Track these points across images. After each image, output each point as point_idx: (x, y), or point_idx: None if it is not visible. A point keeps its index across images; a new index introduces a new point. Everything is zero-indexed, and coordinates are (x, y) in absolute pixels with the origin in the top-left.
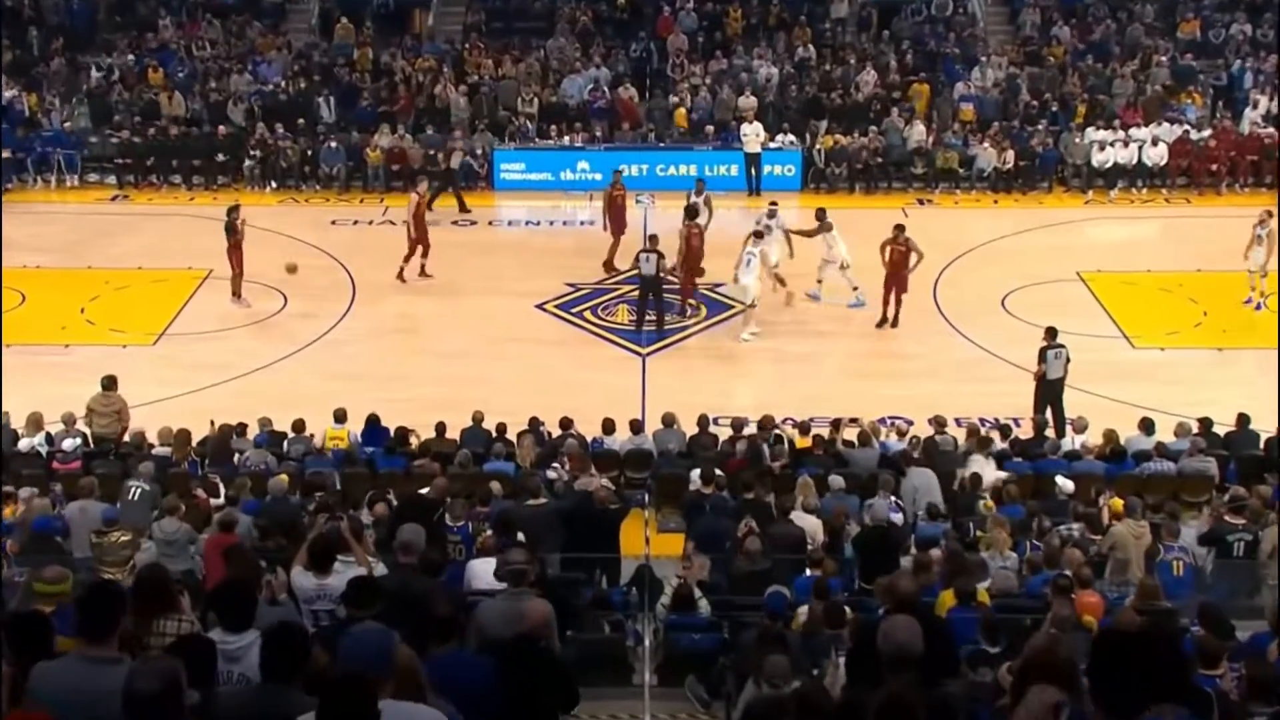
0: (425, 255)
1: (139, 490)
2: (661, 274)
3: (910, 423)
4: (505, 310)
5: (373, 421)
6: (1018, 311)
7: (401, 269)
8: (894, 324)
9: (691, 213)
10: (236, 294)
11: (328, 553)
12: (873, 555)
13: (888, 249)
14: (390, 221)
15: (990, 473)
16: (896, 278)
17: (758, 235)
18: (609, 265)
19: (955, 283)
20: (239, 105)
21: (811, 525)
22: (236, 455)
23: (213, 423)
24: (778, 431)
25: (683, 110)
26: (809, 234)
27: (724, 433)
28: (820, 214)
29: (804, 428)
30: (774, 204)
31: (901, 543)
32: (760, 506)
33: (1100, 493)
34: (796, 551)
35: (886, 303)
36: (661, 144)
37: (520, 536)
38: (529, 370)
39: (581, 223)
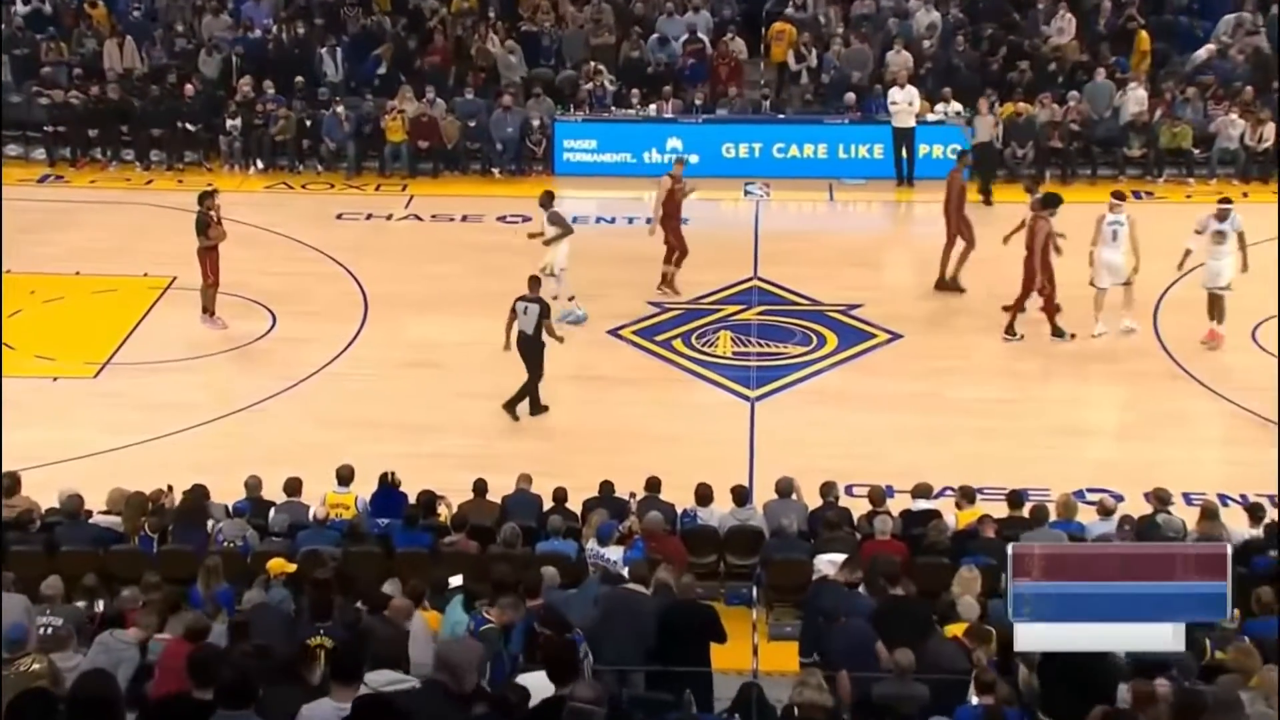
0: (678, 262)
1: (49, 628)
2: (546, 331)
3: (1120, 498)
4: (567, 337)
5: (388, 483)
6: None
7: (668, 280)
8: None
9: (1048, 201)
10: (209, 310)
11: (356, 662)
12: (1064, 679)
13: None
14: (415, 216)
15: None
16: None
17: (1119, 197)
18: (951, 282)
19: (1184, 306)
20: (214, 57)
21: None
22: (209, 524)
23: (170, 487)
24: (935, 506)
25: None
26: (551, 238)
27: (860, 506)
28: (547, 200)
29: (967, 494)
30: (1227, 200)
31: (1108, 665)
32: (911, 608)
33: None
34: (956, 670)
35: None
36: (781, 116)
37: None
38: (598, 418)
39: None
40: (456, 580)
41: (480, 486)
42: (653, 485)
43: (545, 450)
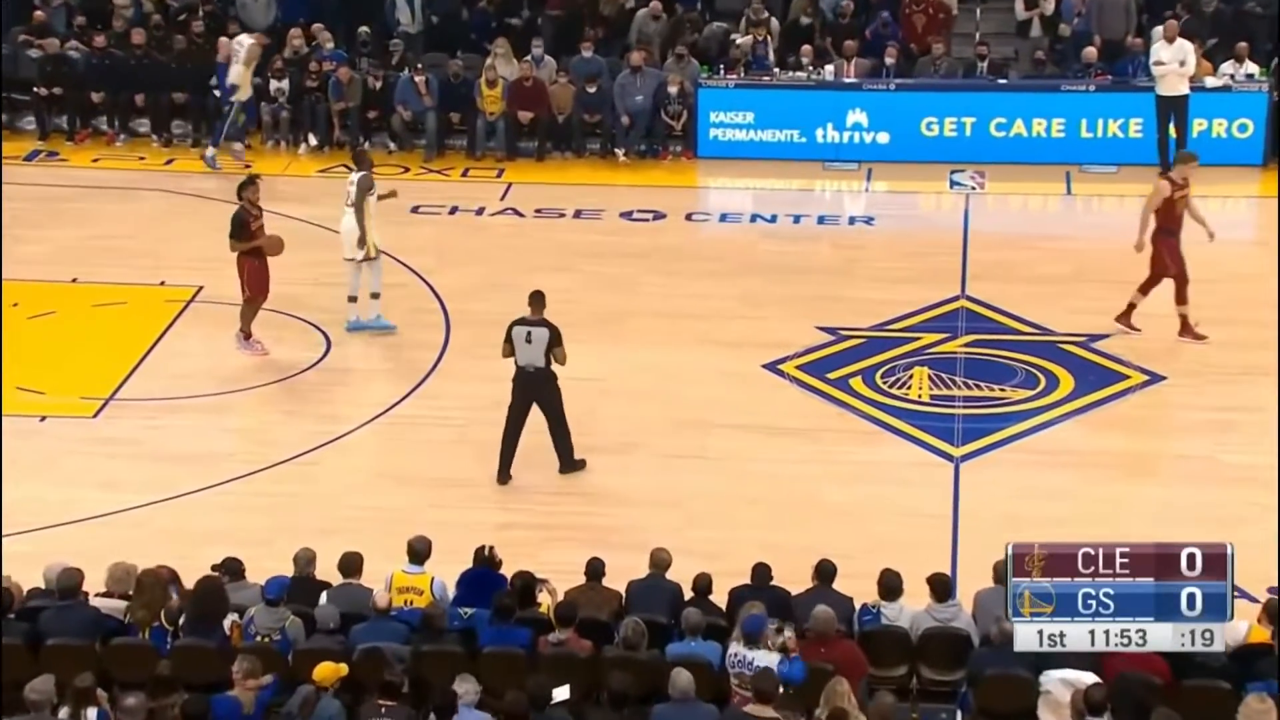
0: (1145, 289)
1: None
2: (557, 361)
3: None
4: (708, 371)
5: (485, 561)
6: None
7: (1128, 312)
8: None
9: None
10: (245, 332)
11: None
12: None
13: None
14: (514, 210)
15: None
16: None
17: None
18: None
19: None
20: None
21: None
22: (234, 617)
23: (176, 577)
24: None
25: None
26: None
27: None
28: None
29: (1270, 610)
30: None
31: None
32: None
33: None
34: None
35: None
36: (1001, 81)
37: None
38: (752, 481)
39: (853, 219)
40: (562, 693)
41: (596, 568)
42: (823, 571)
43: (681, 522)
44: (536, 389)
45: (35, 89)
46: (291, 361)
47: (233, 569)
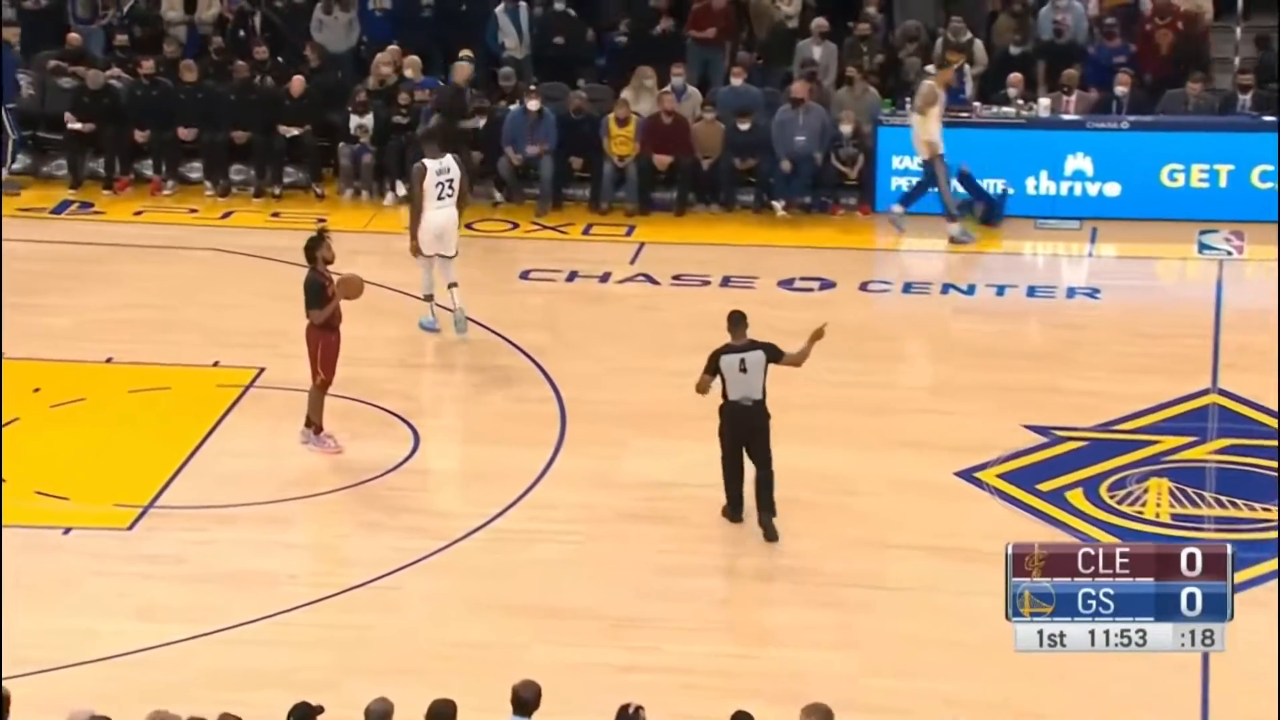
0: None
1: None
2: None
3: None
4: (887, 479)
5: None
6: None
7: None
8: None
9: None
10: (314, 424)
11: None
12: None
13: None
14: (647, 277)
15: None
16: None
17: None
18: None
19: None
20: (334, 18)
21: None
22: None
23: None
24: None
25: None
26: None
27: None
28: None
29: None
30: None
31: None
32: None
33: None
34: None
35: None
36: (1269, 119)
37: None
38: (944, 616)
39: (1073, 291)
40: None
41: None
42: None
43: (851, 669)
44: (754, 424)
45: (68, 126)
46: (371, 462)
47: (303, 715)
